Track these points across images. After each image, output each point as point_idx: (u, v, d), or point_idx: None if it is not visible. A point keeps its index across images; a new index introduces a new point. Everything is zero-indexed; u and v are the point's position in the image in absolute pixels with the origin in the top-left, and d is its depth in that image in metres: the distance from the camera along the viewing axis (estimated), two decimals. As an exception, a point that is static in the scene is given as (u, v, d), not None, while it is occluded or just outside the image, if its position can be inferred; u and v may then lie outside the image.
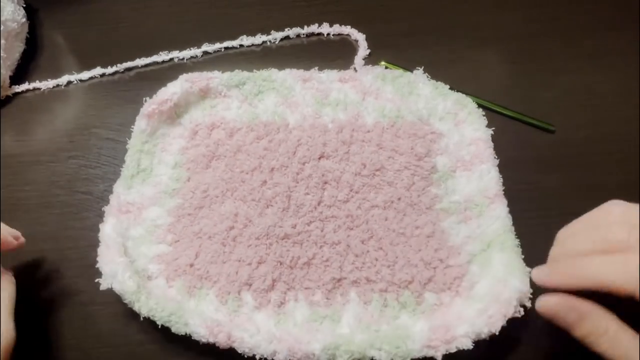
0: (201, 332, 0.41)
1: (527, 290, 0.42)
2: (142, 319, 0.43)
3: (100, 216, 0.52)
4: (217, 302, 0.45)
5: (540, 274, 0.37)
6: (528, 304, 0.41)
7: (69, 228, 0.52)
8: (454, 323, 0.41)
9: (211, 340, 0.41)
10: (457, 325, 0.41)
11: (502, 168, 0.50)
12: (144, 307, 0.43)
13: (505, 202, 0.48)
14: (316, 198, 0.50)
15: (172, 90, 0.53)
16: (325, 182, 0.51)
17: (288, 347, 0.41)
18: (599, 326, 0.33)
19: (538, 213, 0.46)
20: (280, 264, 0.47)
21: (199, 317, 0.42)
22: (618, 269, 0.33)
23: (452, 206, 0.49)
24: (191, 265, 0.47)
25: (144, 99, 0.53)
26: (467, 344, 0.40)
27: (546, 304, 0.35)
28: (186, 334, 0.42)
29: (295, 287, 0.46)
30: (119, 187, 0.51)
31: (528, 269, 0.43)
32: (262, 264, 0.47)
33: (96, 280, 0.44)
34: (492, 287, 0.42)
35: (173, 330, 0.42)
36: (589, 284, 0.33)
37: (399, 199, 0.49)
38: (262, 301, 0.45)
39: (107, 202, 0.53)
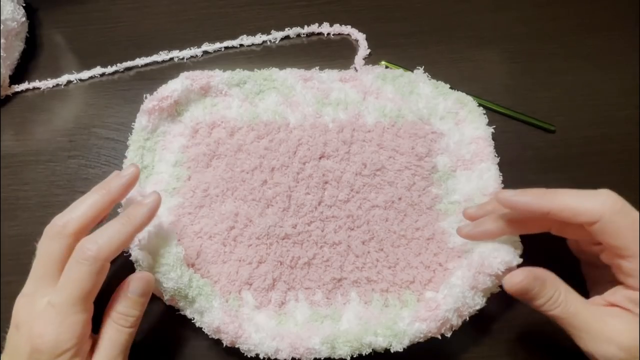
0: (219, 315, 0.42)
1: (516, 261, 0.42)
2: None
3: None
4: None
5: (508, 192, 0.40)
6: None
7: (69, 228, 0.52)
8: (440, 298, 0.43)
9: (223, 328, 0.42)
10: (443, 297, 0.42)
11: (502, 168, 0.50)
12: (185, 276, 0.43)
13: None
14: (317, 198, 0.50)
15: (173, 87, 0.52)
16: (326, 182, 0.51)
17: (290, 342, 0.41)
18: (555, 290, 0.37)
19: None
20: (281, 263, 0.47)
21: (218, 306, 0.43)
22: (585, 199, 0.36)
23: (452, 206, 0.50)
24: (192, 265, 0.47)
25: (145, 96, 0.53)
26: (450, 304, 0.41)
27: (514, 279, 0.38)
28: (201, 316, 0.43)
29: (295, 287, 0.47)
30: None
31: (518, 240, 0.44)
32: (262, 264, 0.47)
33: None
34: (481, 259, 0.43)
35: (194, 307, 0.43)
36: (554, 207, 0.37)
37: (400, 199, 0.50)
38: (263, 300, 0.46)
39: (107, 201, 0.53)
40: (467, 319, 0.43)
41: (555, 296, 0.37)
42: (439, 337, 0.42)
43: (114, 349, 0.39)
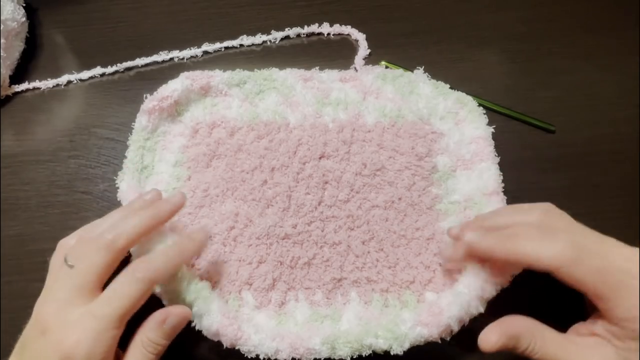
0: (217, 319, 0.42)
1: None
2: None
3: (100, 216, 0.52)
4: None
5: (474, 236, 0.40)
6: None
7: (69, 228, 0.51)
8: (444, 304, 0.42)
9: (222, 331, 0.42)
10: (447, 303, 0.42)
11: (502, 168, 0.50)
12: (183, 279, 0.42)
13: (502, 198, 0.48)
14: (317, 198, 0.50)
15: (173, 87, 0.52)
16: (326, 182, 0.51)
17: (290, 343, 0.41)
18: (530, 340, 0.37)
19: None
20: (281, 263, 0.47)
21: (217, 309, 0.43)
22: (544, 248, 0.37)
23: (452, 206, 0.50)
24: (192, 266, 0.47)
25: (145, 96, 0.53)
26: (454, 311, 0.41)
27: (490, 339, 0.38)
28: (200, 319, 0.42)
29: (295, 287, 0.46)
30: (129, 181, 0.50)
31: None
32: (262, 264, 0.47)
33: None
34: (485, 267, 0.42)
35: (193, 311, 0.42)
36: (515, 255, 0.38)
37: (400, 199, 0.49)
38: (263, 301, 0.45)
39: (107, 201, 0.53)
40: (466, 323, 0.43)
41: (532, 346, 0.38)
42: (439, 341, 0.42)
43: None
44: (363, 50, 0.61)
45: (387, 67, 0.59)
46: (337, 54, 0.62)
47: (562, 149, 0.56)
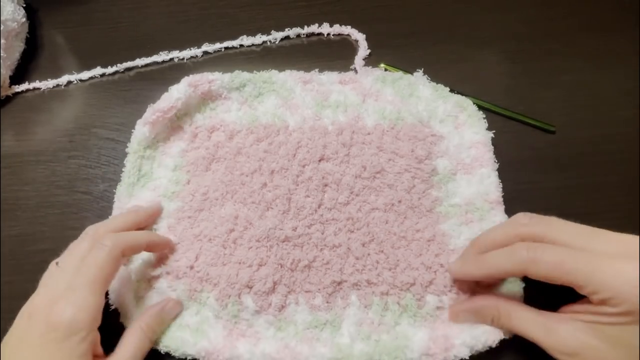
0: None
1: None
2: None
3: (100, 216, 0.52)
4: (217, 306, 0.45)
5: (454, 267, 0.45)
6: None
7: (69, 228, 0.52)
8: (453, 332, 0.42)
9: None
10: (456, 334, 0.42)
11: (503, 169, 0.50)
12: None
13: (503, 207, 0.49)
14: (316, 200, 0.49)
15: (177, 96, 0.52)
16: (326, 185, 0.50)
17: None
18: (493, 314, 0.41)
19: (538, 213, 0.46)
20: (281, 266, 0.47)
21: (193, 346, 0.43)
22: (507, 259, 0.39)
23: (452, 209, 0.49)
24: (191, 268, 0.47)
25: (149, 105, 0.52)
26: (465, 353, 0.41)
27: (451, 315, 0.44)
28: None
29: (295, 290, 0.46)
30: (121, 197, 0.51)
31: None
32: (262, 267, 0.47)
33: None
34: None
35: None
36: (490, 273, 0.41)
37: (400, 201, 0.49)
38: (263, 304, 0.45)
39: (107, 202, 0.53)
40: None
41: (495, 319, 0.41)
42: None
43: (137, 353, 0.41)
44: (363, 50, 0.61)
45: (386, 69, 0.59)
46: (337, 54, 0.62)
47: (562, 149, 0.55)
